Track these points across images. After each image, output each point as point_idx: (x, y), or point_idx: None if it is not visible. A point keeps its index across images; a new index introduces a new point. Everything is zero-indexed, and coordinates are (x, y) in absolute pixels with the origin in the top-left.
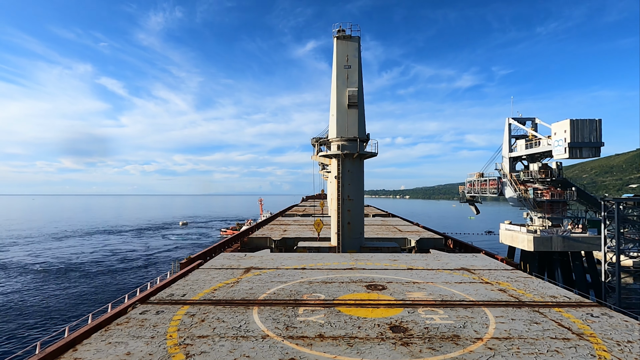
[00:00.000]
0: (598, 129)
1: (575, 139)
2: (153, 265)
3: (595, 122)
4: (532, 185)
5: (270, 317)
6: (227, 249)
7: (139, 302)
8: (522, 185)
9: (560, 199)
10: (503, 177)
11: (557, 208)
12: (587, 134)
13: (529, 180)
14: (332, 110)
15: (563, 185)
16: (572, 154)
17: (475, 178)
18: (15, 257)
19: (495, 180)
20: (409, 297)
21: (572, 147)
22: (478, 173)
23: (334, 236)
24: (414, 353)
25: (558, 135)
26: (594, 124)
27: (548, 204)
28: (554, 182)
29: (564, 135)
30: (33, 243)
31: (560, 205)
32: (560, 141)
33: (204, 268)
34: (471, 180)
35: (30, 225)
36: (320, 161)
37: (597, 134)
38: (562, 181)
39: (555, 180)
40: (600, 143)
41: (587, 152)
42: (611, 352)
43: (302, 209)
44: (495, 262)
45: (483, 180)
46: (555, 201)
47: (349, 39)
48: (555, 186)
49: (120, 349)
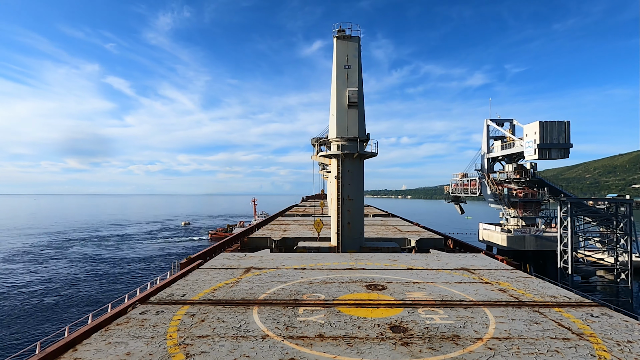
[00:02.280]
0: (567, 130)
1: (544, 140)
2: (152, 266)
3: (564, 123)
4: (508, 185)
5: (270, 317)
6: (227, 249)
7: (139, 302)
8: (498, 185)
9: (533, 198)
10: (482, 177)
11: (531, 207)
12: (556, 135)
13: (505, 180)
14: (332, 110)
15: (539, 185)
16: (541, 155)
17: (459, 178)
18: (11, 257)
19: (475, 180)
20: (409, 297)
21: (542, 148)
22: (462, 173)
23: (334, 236)
24: (414, 353)
25: (529, 137)
26: (562, 126)
27: (521, 203)
28: (529, 182)
29: (534, 137)
30: (27, 242)
31: (534, 205)
32: (530, 142)
33: (204, 268)
34: (455, 180)
35: (17, 224)
36: (320, 161)
37: (566, 135)
38: (538, 181)
39: (531, 180)
40: (569, 144)
41: (556, 153)
42: (611, 352)
43: (302, 209)
44: (495, 262)
45: (466, 181)
46: (528, 201)
47: (349, 39)
48: (530, 186)
49: (120, 349)
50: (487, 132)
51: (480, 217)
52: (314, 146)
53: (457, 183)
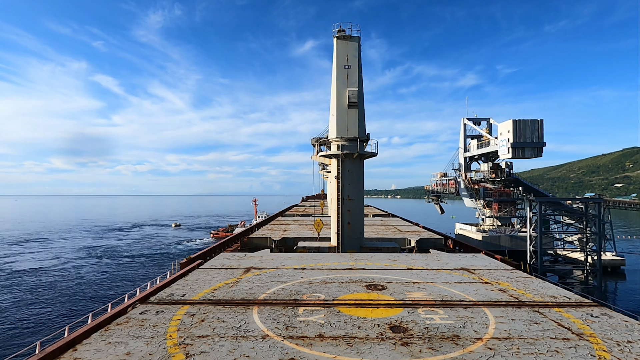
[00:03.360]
0: (540, 129)
1: (517, 139)
2: (149, 267)
3: (537, 122)
4: (484, 184)
5: (270, 317)
6: (227, 249)
7: (139, 302)
8: (474, 184)
9: (508, 198)
10: (458, 177)
11: (506, 207)
12: (530, 134)
13: (481, 180)
14: (332, 110)
15: (515, 184)
16: (514, 153)
17: (438, 177)
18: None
19: (453, 179)
20: (408, 297)
21: (515, 147)
22: (441, 173)
23: (334, 236)
24: (414, 353)
25: (503, 136)
26: (536, 125)
27: (496, 203)
28: (504, 182)
29: (508, 136)
30: (18, 244)
31: (509, 204)
32: (504, 141)
33: (204, 268)
34: (435, 179)
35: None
36: (320, 161)
37: (539, 134)
38: (514, 180)
39: (507, 180)
40: (542, 143)
41: (530, 152)
42: (611, 352)
43: (302, 209)
44: (495, 262)
45: (445, 180)
46: (503, 200)
47: (349, 39)
48: (506, 186)
49: (120, 349)
50: (464, 131)
51: (462, 217)
52: (314, 146)
53: (436, 182)
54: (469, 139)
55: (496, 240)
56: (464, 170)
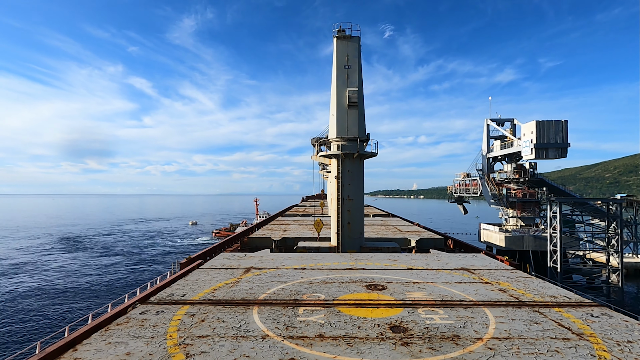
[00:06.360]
0: (564, 130)
1: (541, 140)
2: (157, 265)
3: (561, 123)
4: (507, 185)
5: (270, 317)
6: (227, 249)
7: (139, 302)
8: (498, 185)
9: (532, 198)
10: (481, 177)
11: (529, 208)
12: (553, 135)
13: (505, 180)
14: (332, 110)
15: (540, 184)
16: (538, 154)
17: (461, 178)
18: (13, 256)
19: (476, 180)
20: (409, 297)
21: (538, 148)
22: (464, 173)
23: (334, 236)
24: (414, 353)
25: (526, 136)
26: (560, 125)
27: (519, 203)
28: (528, 182)
29: (531, 136)
30: (31, 242)
31: (533, 205)
32: (527, 142)
33: (204, 268)
34: (458, 180)
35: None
36: (320, 161)
37: (563, 134)
38: (538, 181)
39: (531, 180)
40: (567, 144)
41: (553, 153)
42: (611, 352)
43: (302, 209)
44: (495, 262)
45: (468, 181)
46: (527, 201)
47: (349, 39)
48: (530, 186)
49: (120, 349)
50: (487, 132)
51: (486, 217)
52: (314, 146)
53: (459, 183)
54: (492, 140)
55: (520, 240)
56: (487, 171)
